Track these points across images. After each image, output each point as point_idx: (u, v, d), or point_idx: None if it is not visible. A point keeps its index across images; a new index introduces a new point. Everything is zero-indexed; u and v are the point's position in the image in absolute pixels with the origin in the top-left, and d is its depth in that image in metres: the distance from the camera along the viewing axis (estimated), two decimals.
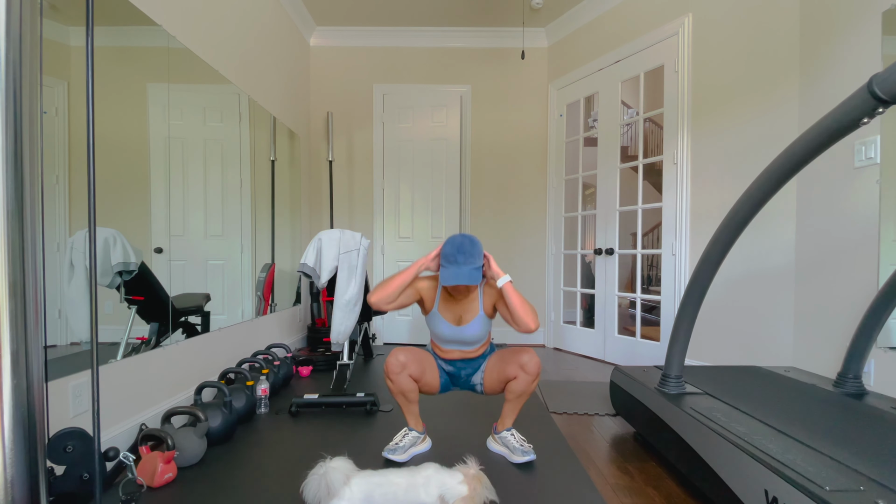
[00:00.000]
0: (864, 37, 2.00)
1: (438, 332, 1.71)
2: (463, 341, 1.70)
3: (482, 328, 1.68)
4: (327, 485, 1.17)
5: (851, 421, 1.37)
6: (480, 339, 1.70)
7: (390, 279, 1.62)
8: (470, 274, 1.55)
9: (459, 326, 1.68)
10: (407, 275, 1.61)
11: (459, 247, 1.57)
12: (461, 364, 1.75)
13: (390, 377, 1.65)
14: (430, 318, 1.72)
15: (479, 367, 1.76)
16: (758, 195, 1.30)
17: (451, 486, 1.22)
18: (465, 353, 1.73)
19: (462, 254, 1.56)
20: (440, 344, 1.75)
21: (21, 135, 0.87)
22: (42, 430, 0.93)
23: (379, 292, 1.60)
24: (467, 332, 1.68)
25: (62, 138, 1.40)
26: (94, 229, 1.09)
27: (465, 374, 1.76)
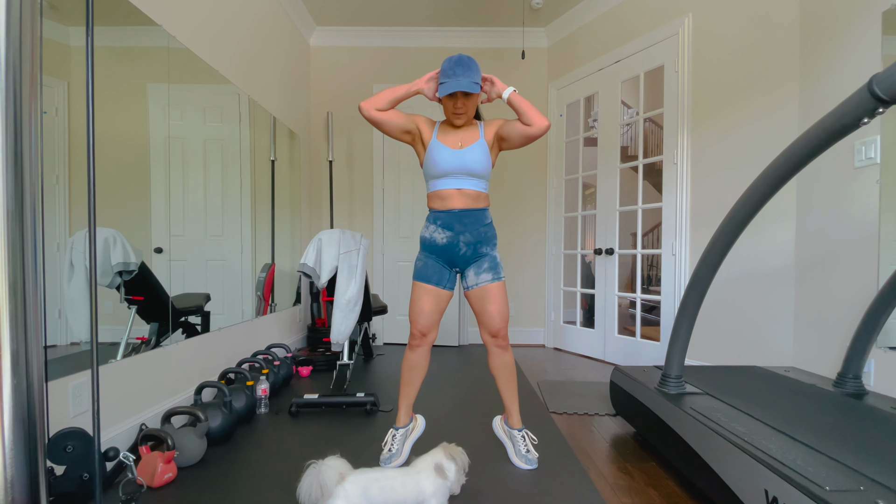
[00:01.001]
0: (864, 37, 2.00)
1: (439, 159, 1.60)
2: (465, 169, 1.60)
3: (483, 154, 1.61)
4: (321, 485, 1.16)
5: (851, 421, 1.37)
6: (481, 166, 1.61)
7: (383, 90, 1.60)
8: (469, 83, 1.51)
9: (460, 149, 1.60)
10: (399, 89, 1.60)
11: (458, 61, 1.54)
12: (460, 223, 1.62)
13: (413, 346, 1.66)
14: (429, 149, 1.62)
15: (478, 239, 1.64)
16: (758, 195, 1.30)
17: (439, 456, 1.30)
18: (466, 195, 1.62)
19: (460, 66, 1.53)
20: (439, 184, 1.64)
21: (21, 135, 0.87)
22: (42, 430, 0.92)
23: (370, 98, 1.59)
24: (468, 156, 1.59)
25: (62, 138, 1.40)
26: (94, 229, 1.09)
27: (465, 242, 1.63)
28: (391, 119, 1.61)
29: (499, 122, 1.65)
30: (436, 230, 1.65)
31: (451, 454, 1.30)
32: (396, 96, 1.59)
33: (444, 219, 1.64)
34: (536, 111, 1.55)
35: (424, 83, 1.62)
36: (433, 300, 1.66)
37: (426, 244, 1.68)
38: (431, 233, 1.66)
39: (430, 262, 1.67)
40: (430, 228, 1.67)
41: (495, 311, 1.64)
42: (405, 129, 1.65)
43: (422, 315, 1.64)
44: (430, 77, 1.63)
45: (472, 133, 1.64)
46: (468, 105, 1.58)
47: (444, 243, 1.64)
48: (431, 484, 1.24)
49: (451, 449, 1.32)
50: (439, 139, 1.63)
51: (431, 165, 1.63)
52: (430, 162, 1.63)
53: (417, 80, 1.63)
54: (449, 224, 1.63)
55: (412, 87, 1.61)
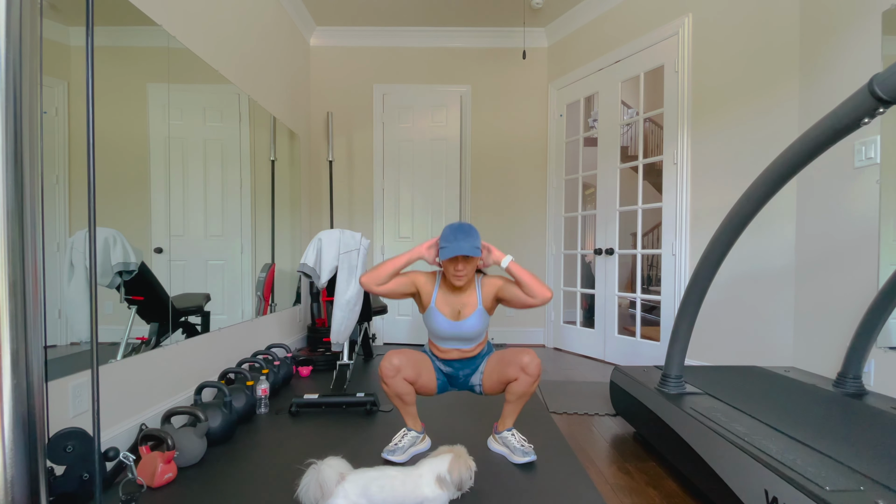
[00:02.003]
0: (864, 37, 2.00)
1: (436, 327, 1.69)
2: (461, 336, 1.68)
3: (481, 322, 1.68)
4: (321, 484, 1.16)
5: (851, 421, 1.37)
6: (479, 334, 1.70)
7: (384, 262, 1.64)
8: (470, 248, 1.56)
9: (458, 321, 1.67)
10: (400, 260, 1.64)
11: (458, 228, 1.61)
12: (459, 364, 1.75)
13: (385, 381, 1.65)
14: (428, 314, 1.71)
15: (477, 368, 1.76)
16: (758, 195, 1.30)
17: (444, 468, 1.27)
18: (464, 351, 1.73)
19: (461, 232, 1.59)
20: (438, 343, 1.74)
21: (21, 135, 0.87)
22: (42, 430, 0.93)
23: (370, 273, 1.62)
24: (466, 327, 1.66)
25: (62, 138, 1.40)
26: (94, 229, 1.09)
27: (464, 374, 1.76)
28: (393, 290, 1.66)
29: (498, 284, 1.69)
30: (438, 362, 1.77)
31: (457, 470, 1.26)
32: (397, 268, 1.64)
33: (444, 362, 1.77)
34: (537, 282, 1.58)
35: (425, 250, 1.68)
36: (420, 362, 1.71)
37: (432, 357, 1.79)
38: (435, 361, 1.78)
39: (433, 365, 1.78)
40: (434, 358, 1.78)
41: (512, 352, 1.67)
42: (406, 293, 1.71)
43: (398, 356, 1.66)
44: (431, 244, 1.68)
45: (471, 298, 1.69)
46: (468, 268, 1.63)
47: (447, 371, 1.78)
48: (431, 491, 1.23)
49: (459, 462, 1.28)
50: (438, 306, 1.70)
51: (430, 328, 1.73)
52: (428, 325, 1.73)
53: (417, 247, 1.69)
54: (449, 364, 1.76)
55: (413, 255, 1.67)
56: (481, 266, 1.72)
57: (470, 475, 1.29)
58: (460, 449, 1.33)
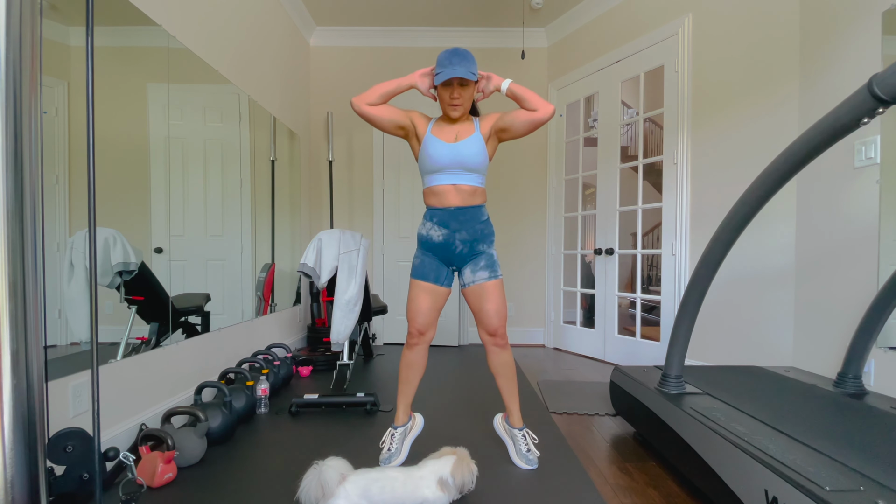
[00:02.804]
0: (864, 37, 2.00)
1: (433, 152, 1.58)
2: (460, 163, 1.58)
3: (479, 148, 1.59)
4: (321, 485, 1.16)
5: (851, 421, 1.37)
6: (477, 160, 1.59)
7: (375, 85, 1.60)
8: (465, 72, 1.50)
9: (455, 143, 1.58)
10: (392, 83, 1.59)
11: (454, 52, 1.53)
12: (456, 221, 1.61)
13: (410, 345, 1.67)
14: (424, 144, 1.61)
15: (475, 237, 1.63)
16: (758, 195, 1.30)
17: (446, 470, 1.27)
18: (462, 192, 1.60)
19: (457, 56, 1.52)
20: (434, 180, 1.62)
21: (21, 135, 0.87)
22: (42, 430, 0.93)
23: (362, 94, 1.58)
24: (463, 150, 1.57)
25: (62, 138, 1.40)
26: (94, 229, 1.09)
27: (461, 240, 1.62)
28: (383, 114, 1.60)
29: (496, 115, 1.64)
30: (432, 227, 1.64)
31: (460, 473, 1.27)
32: (388, 90, 1.58)
33: (440, 216, 1.63)
34: (540, 98, 1.55)
35: (418, 77, 1.61)
36: (431, 298, 1.65)
37: (423, 241, 1.68)
38: (428, 230, 1.65)
39: (427, 259, 1.67)
40: (426, 226, 1.66)
41: (492, 310, 1.63)
42: (399, 123, 1.63)
43: (419, 314, 1.64)
44: (425, 72, 1.61)
45: (468, 127, 1.63)
46: (464, 95, 1.56)
47: (441, 241, 1.64)
48: (432, 493, 1.23)
49: (462, 465, 1.28)
50: (434, 133, 1.62)
51: (426, 159, 1.62)
52: (424, 156, 1.62)
53: (411, 74, 1.62)
54: (445, 222, 1.62)
55: (405, 80, 1.60)
56: (479, 97, 1.66)
57: (472, 478, 1.29)
58: (463, 452, 1.33)
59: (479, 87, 1.63)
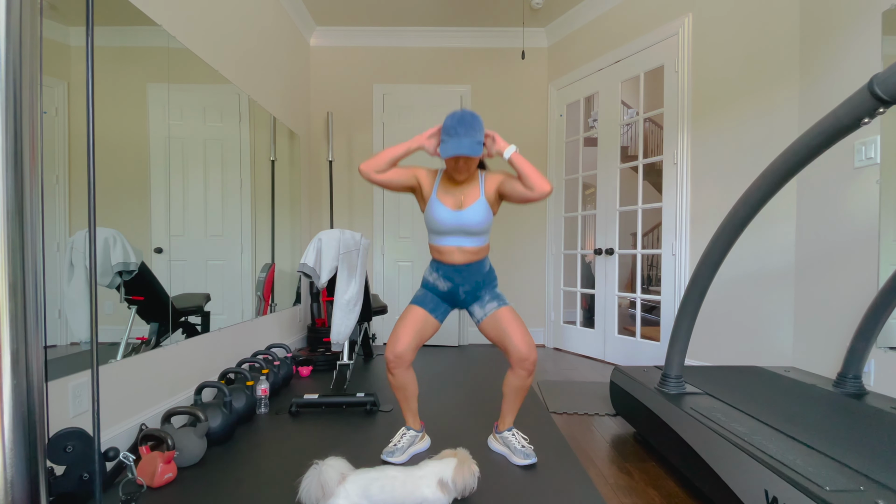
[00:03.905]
0: (864, 37, 2.00)
1: (437, 218, 1.61)
2: (464, 229, 1.60)
3: (483, 213, 1.60)
4: (321, 485, 1.17)
5: (851, 421, 1.37)
6: (482, 228, 1.62)
7: (382, 150, 1.60)
8: (471, 146, 1.49)
9: (459, 210, 1.60)
10: (400, 147, 1.59)
11: (460, 119, 1.51)
12: (460, 275, 1.66)
13: (390, 370, 1.64)
14: (429, 206, 1.63)
15: (479, 287, 1.68)
16: (758, 195, 1.30)
17: (447, 472, 1.27)
18: (466, 252, 1.64)
19: (463, 126, 1.50)
20: (438, 240, 1.66)
21: (21, 135, 0.87)
22: (42, 430, 0.93)
23: (369, 161, 1.58)
24: (468, 217, 1.59)
25: (62, 138, 1.40)
26: (94, 229, 1.09)
27: (464, 291, 1.68)
28: (392, 179, 1.62)
29: (500, 178, 1.64)
30: (438, 278, 1.70)
31: (462, 476, 1.27)
32: (396, 156, 1.59)
33: (445, 270, 1.68)
34: (538, 175, 1.53)
35: (426, 139, 1.61)
36: (419, 326, 1.66)
37: (429, 286, 1.73)
38: (434, 280, 1.71)
39: (430, 295, 1.72)
40: (432, 275, 1.72)
41: (518, 337, 1.61)
42: (407, 185, 1.66)
43: (399, 342, 1.63)
44: (432, 133, 1.62)
45: (473, 189, 1.64)
46: (470, 164, 1.58)
47: (446, 290, 1.70)
48: (432, 493, 1.24)
49: (463, 468, 1.28)
50: (439, 197, 1.64)
51: (431, 222, 1.65)
52: (429, 218, 1.65)
53: (418, 136, 1.62)
54: (449, 276, 1.68)
55: (413, 144, 1.61)
56: (485, 156, 1.64)
57: (474, 480, 1.29)
58: (464, 453, 1.32)
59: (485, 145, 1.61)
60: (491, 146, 1.61)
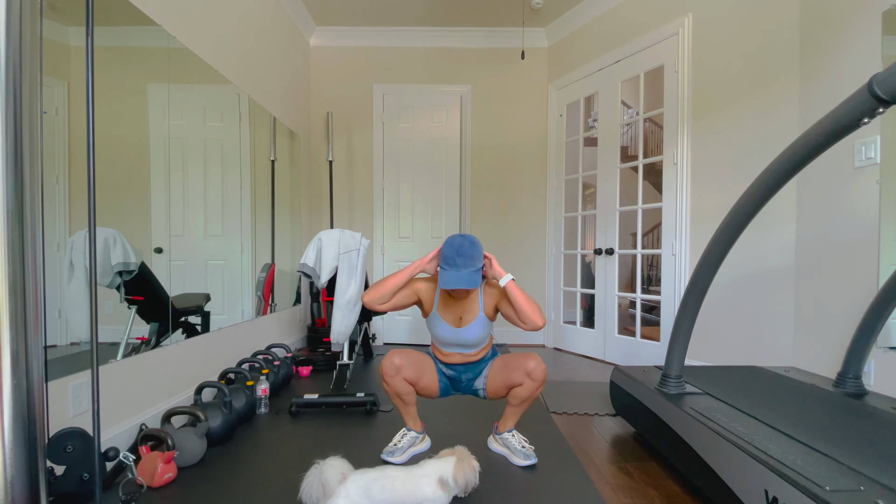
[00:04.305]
0: (864, 37, 2.00)
1: (438, 334, 1.69)
2: (463, 343, 1.67)
3: (483, 330, 1.66)
4: (322, 484, 1.17)
5: (851, 421, 1.37)
6: (481, 341, 1.68)
7: (385, 279, 1.62)
8: (469, 277, 1.52)
9: (459, 328, 1.66)
10: (402, 276, 1.62)
11: (459, 249, 1.54)
12: (462, 368, 1.73)
13: (385, 380, 1.64)
14: (430, 320, 1.71)
15: (480, 372, 1.74)
16: (758, 195, 1.30)
17: (447, 471, 1.27)
18: (467, 356, 1.71)
19: (461, 256, 1.53)
20: (441, 347, 1.73)
21: (21, 135, 0.87)
22: (42, 430, 0.93)
23: (372, 292, 1.59)
24: (467, 334, 1.65)
25: (62, 138, 1.40)
26: (94, 229, 1.09)
27: (467, 378, 1.74)
28: (397, 305, 1.66)
29: (499, 295, 1.66)
30: (442, 366, 1.76)
31: (463, 473, 1.27)
32: (398, 284, 1.61)
33: (447, 366, 1.75)
34: (532, 309, 1.55)
35: (426, 263, 1.65)
36: (422, 363, 1.70)
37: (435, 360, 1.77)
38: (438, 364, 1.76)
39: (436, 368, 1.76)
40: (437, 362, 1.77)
41: (517, 359, 1.64)
42: (410, 304, 1.70)
43: (399, 356, 1.64)
44: (432, 257, 1.65)
45: (472, 305, 1.67)
46: (469, 291, 1.63)
47: (449, 374, 1.76)
48: (432, 492, 1.24)
49: (464, 465, 1.29)
50: (440, 312, 1.68)
51: (433, 333, 1.72)
52: (431, 330, 1.72)
53: (419, 261, 1.65)
54: (452, 368, 1.74)
55: (415, 270, 1.64)
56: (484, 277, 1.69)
57: (475, 476, 1.29)
58: (462, 451, 1.32)
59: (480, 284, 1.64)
60: (488, 269, 1.65)
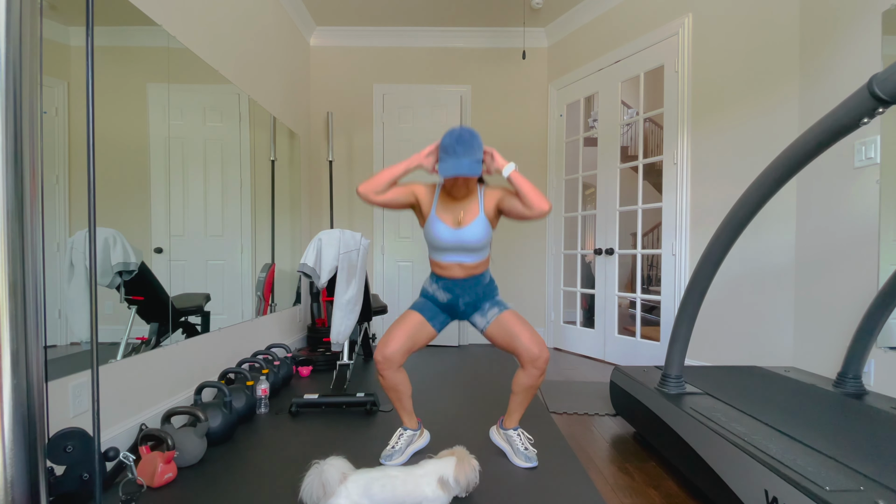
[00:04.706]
0: (864, 37, 2.00)
1: (437, 236, 1.61)
2: (463, 246, 1.60)
3: (483, 231, 1.60)
4: (323, 484, 1.17)
5: (851, 421, 1.37)
6: (481, 245, 1.61)
7: (381, 171, 1.59)
8: (470, 166, 1.48)
9: (459, 228, 1.59)
10: (398, 167, 1.58)
11: (458, 138, 1.50)
12: (460, 288, 1.65)
13: (380, 372, 1.62)
14: (428, 224, 1.63)
15: (479, 299, 1.67)
16: (758, 195, 1.30)
17: (448, 471, 1.27)
18: (466, 267, 1.64)
19: (461, 145, 1.49)
20: (439, 256, 1.66)
21: (21, 135, 0.87)
22: (42, 430, 0.93)
23: (367, 182, 1.56)
24: (467, 235, 1.59)
25: (62, 138, 1.40)
26: (94, 229, 1.09)
27: (465, 303, 1.67)
28: (392, 199, 1.61)
29: (499, 194, 1.63)
30: (437, 289, 1.70)
31: (464, 473, 1.27)
32: (395, 176, 1.58)
33: (444, 283, 1.68)
34: (537, 194, 1.52)
35: (424, 158, 1.61)
36: (412, 331, 1.63)
37: (428, 296, 1.72)
38: (433, 290, 1.70)
39: (429, 303, 1.71)
40: (432, 286, 1.71)
41: (526, 338, 1.59)
42: (406, 203, 1.66)
43: (389, 345, 1.60)
44: (430, 151, 1.61)
45: (472, 206, 1.62)
46: (469, 183, 1.58)
47: (446, 301, 1.69)
48: (432, 491, 1.24)
49: (464, 465, 1.29)
50: (438, 214, 1.63)
51: (430, 239, 1.64)
52: (429, 236, 1.64)
53: (416, 155, 1.61)
54: (449, 288, 1.67)
55: (411, 163, 1.60)
56: (484, 172, 1.62)
57: (475, 475, 1.30)
58: (462, 451, 1.33)
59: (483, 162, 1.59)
60: (490, 163, 1.59)
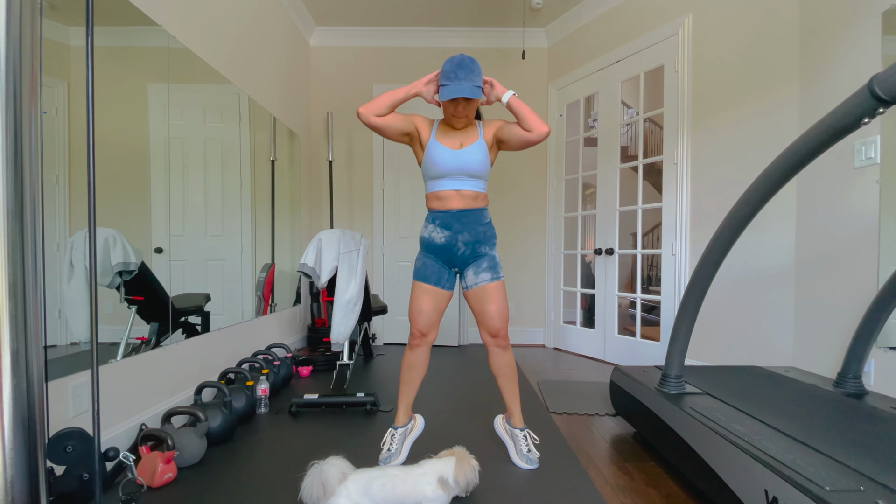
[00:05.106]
0: (864, 37, 2.00)
1: (438, 159, 1.59)
2: (463, 170, 1.58)
3: (482, 155, 1.60)
4: (323, 483, 1.17)
5: (851, 421, 1.37)
6: (481, 167, 1.60)
7: (381, 95, 1.59)
8: (471, 89, 1.49)
9: (459, 150, 1.59)
10: (398, 92, 1.58)
11: (460, 63, 1.50)
12: (459, 223, 1.62)
13: (413, 346, 1.66)
14: (429, 150, 1.61)
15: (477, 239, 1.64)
16: (758, 195, 1.30)
17: (448, 471, 1.27)
18: (465, 197, 1.61)
19: (463, 69, 1.49)
20: (437, 185, 1.63)
21: (21, 135, 0.87)
22: (42, 430, 0.92)
23: (368, 104, 1.56)
24: (467, 157, 1.58)
25: (62, 138, 1.40)
26: (94, 229, 1.09)
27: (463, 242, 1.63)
28: (391, 123, 1.60)
29: (498, 124, 1.64)
30: (434, 230, 1.65)
31: (464, 473, 1.27)
32: (396, 100, 1.57)
33: (442, 218, 1.63)
34: (536, 117, 1.54)
35: (423, 85, 1.60)
36: (432, 300, 1.65)
37: (425, 244, 1.68)
38: (430, 232, 1.66)
39: (429, 262, 1.67)
40: (428, 228, 1.67)
41: (494, 312, 1.63)
42: (404, 131, 1.64)
43: (421, 315, 1.64)
44: (430, 79, 1.61)
45: (472, 134, 1.63)
46: (469, 109, 1.57)
47: (443, 243, 1.64)
48: (432, 491, 1.24)
49: (464, 465, 1.29)
50: (438, 139, 1.62)
51: (430, 166, 1.62)
52: (428, 162, 1.62)
53: (416, 81, 1.61)
54: (447, 223, 1.63)
55: (411, 89, 1.59)
56: (483, 102, 1.64)
57: (475, 475, 1.30)
58: (461, 451, 1.33)
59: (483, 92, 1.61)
60: (489, 92, 1.61)
